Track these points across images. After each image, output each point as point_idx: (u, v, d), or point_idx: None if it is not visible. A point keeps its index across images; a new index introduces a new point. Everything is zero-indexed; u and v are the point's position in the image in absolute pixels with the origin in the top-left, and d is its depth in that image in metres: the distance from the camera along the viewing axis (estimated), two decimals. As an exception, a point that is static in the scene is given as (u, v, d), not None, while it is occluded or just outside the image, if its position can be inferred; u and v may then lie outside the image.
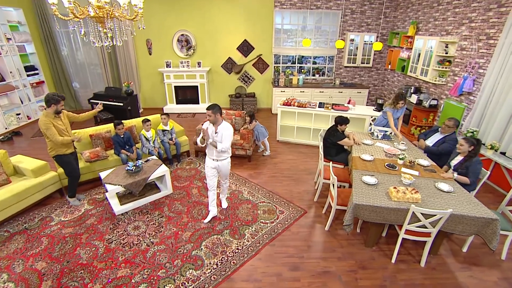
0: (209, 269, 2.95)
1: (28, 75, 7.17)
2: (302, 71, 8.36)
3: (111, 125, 4.75)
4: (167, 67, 7.99)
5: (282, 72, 8.19)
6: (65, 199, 4.09)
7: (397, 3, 7.52)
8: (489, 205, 2.94)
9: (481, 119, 4.89)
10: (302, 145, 6.13)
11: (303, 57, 8.25)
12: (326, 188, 4.38)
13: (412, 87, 6.67)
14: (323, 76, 8.41)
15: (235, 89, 8.42)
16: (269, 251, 3.22)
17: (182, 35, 7.84)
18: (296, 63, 8.32)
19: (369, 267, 3.03)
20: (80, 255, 3.11)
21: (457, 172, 3.41)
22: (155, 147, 4.80)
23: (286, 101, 6.10)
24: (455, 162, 3.51)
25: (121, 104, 6.83)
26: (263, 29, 7.80)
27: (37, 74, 7.49)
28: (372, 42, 7.77)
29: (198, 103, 8.41)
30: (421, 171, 3.52)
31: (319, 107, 5.92)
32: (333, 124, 4.35)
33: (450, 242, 3.42)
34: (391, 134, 4.68)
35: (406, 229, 2.89)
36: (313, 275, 2.92)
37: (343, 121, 4.22)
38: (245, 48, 8.06)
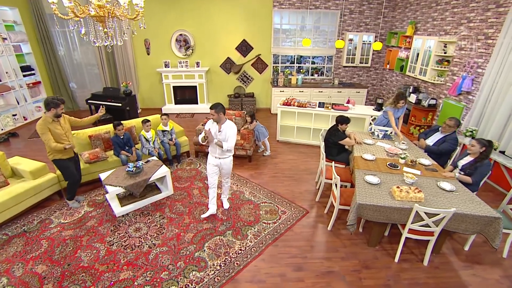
0: (213, 270, 2.93)
1: (24, 76, 7.07)
2: (301, 71, 8.37)
3: (110, 126, 4.70)
4: (165, 67, 7.93)
5: (281, 72, 8.18)
6: (65, 201, 4.03)
7: (395, 3, 7.55)
8: (489, 203, 2.96)
9: (480, 118, 4.93)
10: (302, 145, 6.13)
11: (301, 57, 8.25)
12: (327, 188, 4.38)
13: (411, 87, 6.70)
14: (322, 76, 8.42)
15: (234, 89, 8.40)
16: (272, 252, 3.21)
17: (180, 35, 7.79)
18: (295, 63, 8.32)
19: (372, 266, 3.03)
20: (81, 258, 3.07)
21: (465, 172, 3.40)
22: (155, 148, 4.76)
23: (286, 101, 6.09)
24: (463, 162, 3.51)
25: (120, 104, 6.76)
26: (262, 29, 7.78)
27: (34, 74, 7.40)
28: (370, 42, 7.80)
29: (197, 103, 8.36)
30: (422, 170, 3.54)
31: (319, 107, 5.92)
32: (334, 124, 4.35)
33: (452, 240, 3.44)
34: (392, 133, 4.69)
35: (409, 228, 2.90)
36: (317, 275, 2.92)
37: (344, 121, 4.22)
38: (244, 48, 8.04)
